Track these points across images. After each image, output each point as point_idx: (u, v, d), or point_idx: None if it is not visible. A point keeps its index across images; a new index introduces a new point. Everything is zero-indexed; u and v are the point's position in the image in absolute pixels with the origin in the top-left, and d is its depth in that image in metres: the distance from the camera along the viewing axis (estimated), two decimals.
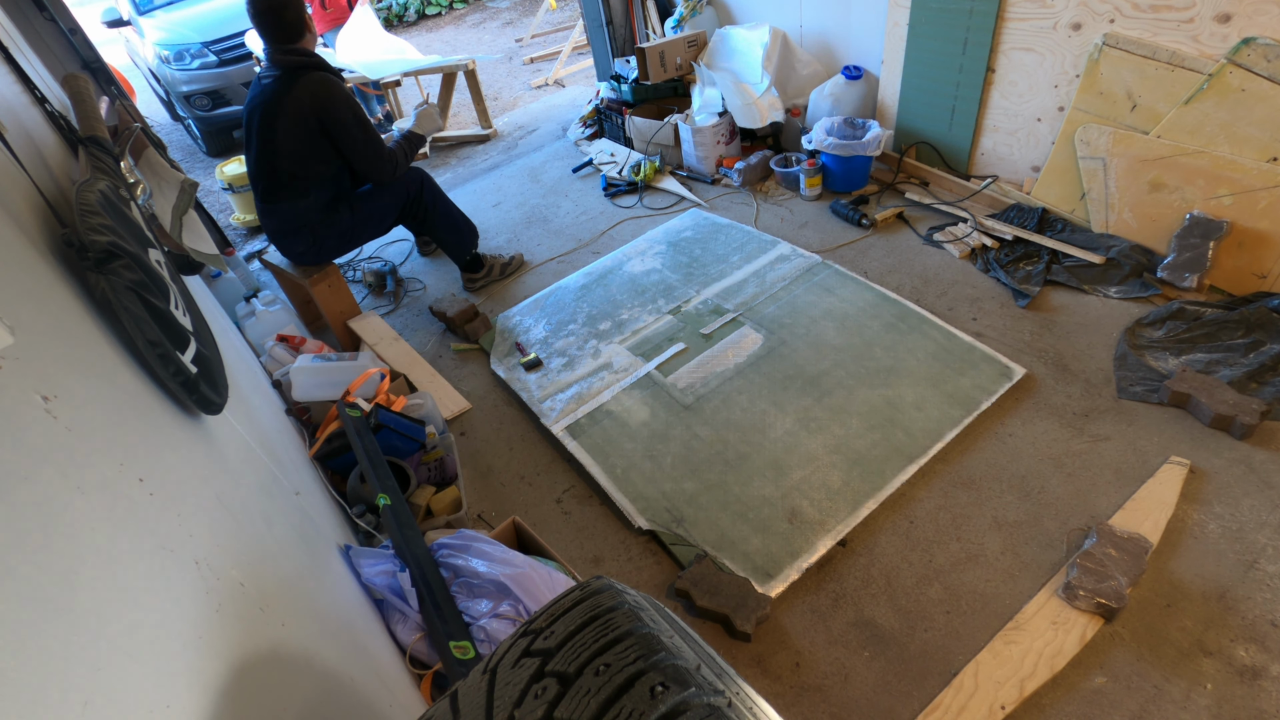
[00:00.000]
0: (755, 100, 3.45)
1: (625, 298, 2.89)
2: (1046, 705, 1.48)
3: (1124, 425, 2.02)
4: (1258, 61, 2.04)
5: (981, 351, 2.31)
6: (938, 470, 2.00)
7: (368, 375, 2.28)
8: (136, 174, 2.39)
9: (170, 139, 6.21)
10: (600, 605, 0.70)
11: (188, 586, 0.74)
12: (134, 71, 6.89)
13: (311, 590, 1.16)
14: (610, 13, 4.36)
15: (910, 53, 3.03)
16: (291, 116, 2.47)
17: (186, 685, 0.63)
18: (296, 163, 2.56)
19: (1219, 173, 2.22)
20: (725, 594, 1.73)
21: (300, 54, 2.50)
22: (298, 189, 2.63)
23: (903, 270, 2.78)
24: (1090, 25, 2.41)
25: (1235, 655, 1.50)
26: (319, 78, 2.49)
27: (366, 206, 2.80)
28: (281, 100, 2.46)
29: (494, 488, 2.23)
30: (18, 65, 1.74)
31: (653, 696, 0.59)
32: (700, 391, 2.36)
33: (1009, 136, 2.88)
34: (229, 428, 1.30)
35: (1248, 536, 1.70)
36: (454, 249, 3.10)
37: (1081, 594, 1.59)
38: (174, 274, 1.40)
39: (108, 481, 0.70)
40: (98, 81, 2.77)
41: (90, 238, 0.95)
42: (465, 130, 4.99)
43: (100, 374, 0.87)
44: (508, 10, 8.48)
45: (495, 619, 1.51)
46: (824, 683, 1.60)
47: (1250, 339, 2.14)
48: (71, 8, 2.82)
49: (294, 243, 2.74)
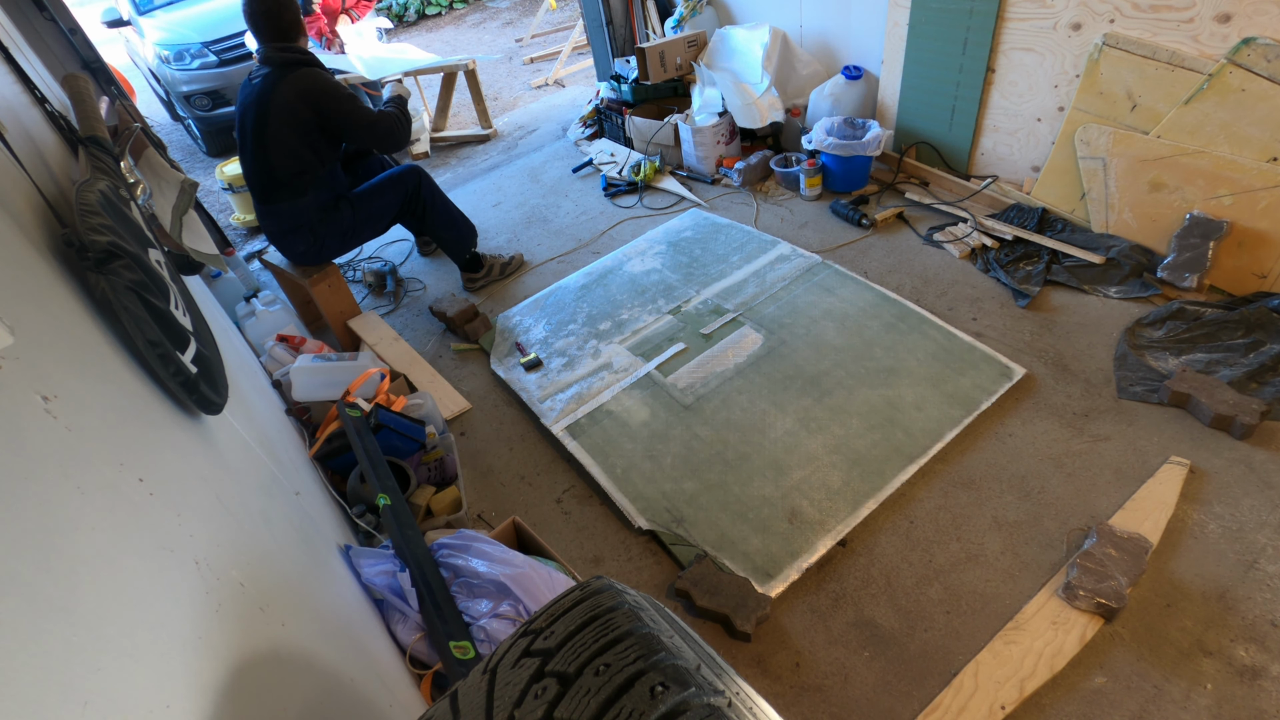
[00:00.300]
0: (755, 100, 3.45)
1: (625, 298, 2.89)
2: (1046, 705, 1.48)
3: (1124, 425, 2.02)
4: (1258, 61, 2.04)
5: (981, 351, 2.31)
6: (938, 470, 2.00)
7: (368, 375, 2.28)
8: (136, 174, 2.39)
9: (170, 139, 6.21)
10: (600, 605, 0.70)
11: (188, 586, 0.74)
12: (134, 71, 6.88)
13: (311, 590, 1.16)
14: (610, 13, 4.36)
15: (910, 53, 3.03)
16: (283, 112, 2.48)
17: (186, 685, 0.63)
18: (293, 159, 2.57)
19: (1219, 173, 2.22)
20: (725, 594, 1.73)
21: (294, 52, 2.52)
22: (295, 188, 2.63)
23: (903, 270, 2.78)
24: (1090, 25, 2.41)
25: (1235, 655, 1.50)
26: (306, 72, 2.51)
27: (366, 205, 2.81)
28: (272, 97, 2.47)
29: (494, 488, 2.23)
30: (18, 65, 1.74)
31: (653, 696, 0.59)
32: (700, 391, 2.36)
33: (1009, 136, 2.88)
34: (229, 428, 1.30)
35: (1248, 536, 1.70)
36: (453, 247, 3.10)
37: (1081, 594, 1.59)
38: (174, 274, 1.40)
39: (108, 481, 0.70)
40: (98, 81, 2.77)
41: (90, 238, 0.95)
42: (465, 130, 4.98)
43: (100, 374, 0.87)
44: (508, 10, 8.48)
45: (495, 619, 1.51)
46: (824, 683, 1.60)
47: (1250, 339, 2.14)
48: (71, 8, 2.82)
49: (294, 243, 2.74)
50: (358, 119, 2.59)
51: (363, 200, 2.81)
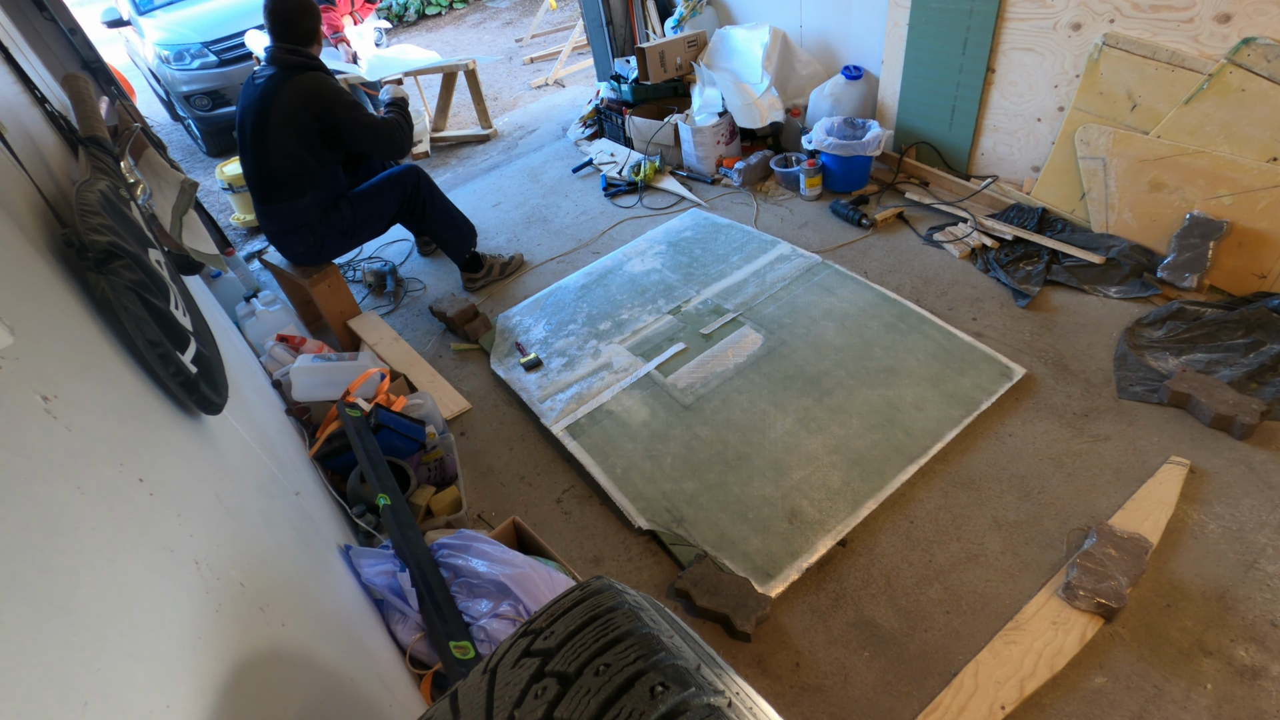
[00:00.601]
0: (755, 100, 3.45)
1: (625, 298, 2.89)
2: (1046, 705, 1.48)
3: (1124, 425, 2.02)
4: (1258, 61, 2.04)
5: (981, 351, 2.31)
6: (938, 470, 2.00)
7: (368, 375, 2.28)
8: (136, 174, 2.39)
9: (170, 139, 6.21)
10: (600, 605, 0.70)
11: (188, 586, 0.74)
12: (134, 71, 6.88)
13: (311, 590, 1.16)
14: (610, 13, 4.36)
15: (910, 53, 3.03)
16: (285, 114, 2.47)
17: (187, 685, 0.63)
18: (292, 161, 2.56)
19: (1219, 173, 2.22)
20: (725, 594, 1.73)
21: (303, 55, 2.53)
22: (295, 189, 2.63)
23: (903, 270, 2.78)
24: (1090, 25, 2.41)
25: (1235, 655, 1.50)
26: (310, 75, 2.51)
27: (365, 205, 2.81)
28: (275, 98, 2.46)
29: (494, 488, 2.23)
30: (18, 65, 1.74)
31: (653, 696, 0.59)
32: (700, 391, 2.36)
33: (1009, 136, 2.88)
34: (229, 428, 1.30)
35: (1248, 536, 1.70)
36: (452, 247, 3.10)
37: (1081, 594, 1.59)
38: (174, 274, 1.40)
39: (108, 481, 0.70)
40: (98, 81, 2.77)
41: (90, 238, 0.95)
42: (465, 130, 4.98)
43: (100, 374, 0.87)
44: (508, 10, 8.48)
45: (495, 619, 1.51)
46: (824, 683, 1.60)
47: (1250, 339, 2.14)
48: (71, 8, 2.82)
49: (294, 243, 2.74)
50: (361, 125, 2.58)
51: (362, 200, 2.81)
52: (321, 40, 2.61)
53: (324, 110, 2.51)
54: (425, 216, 2.96)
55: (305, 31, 2.52)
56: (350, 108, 2.55)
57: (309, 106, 2.48)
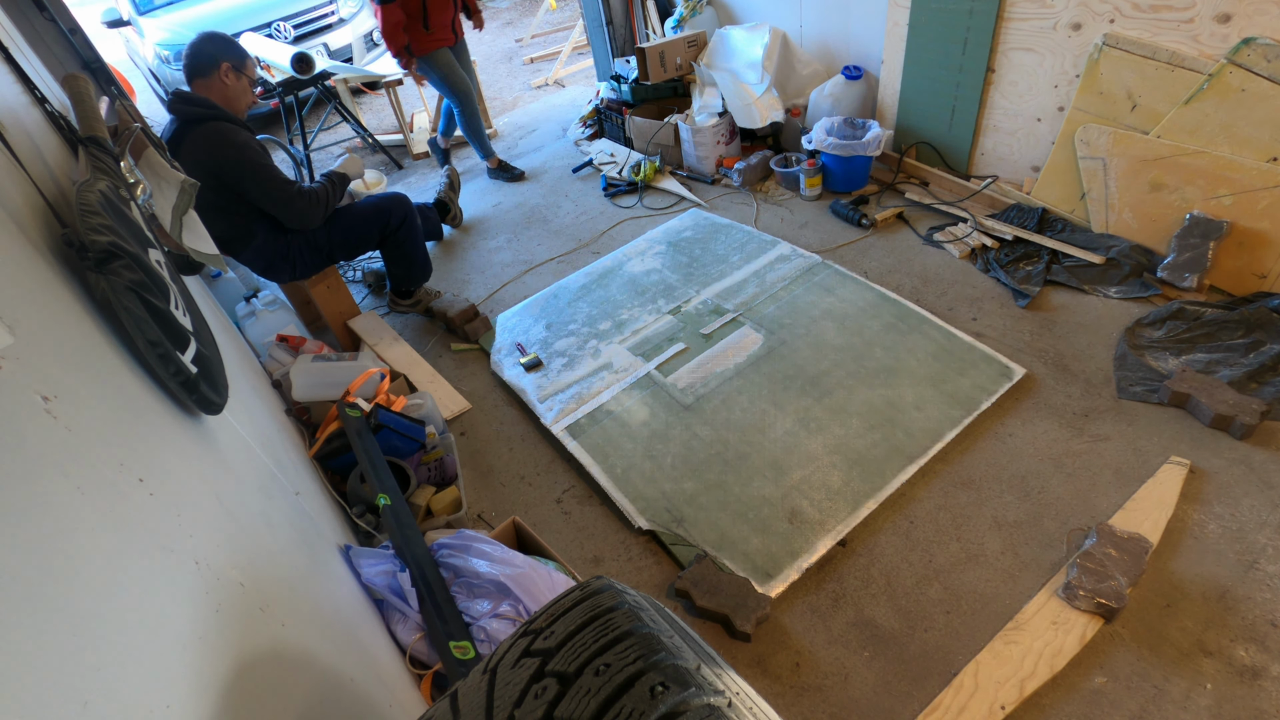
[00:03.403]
0: (755, 100, 3.45)
1: (625, 298, 2.89)
2: (1046, 705, 1.48)
3: (1124, 425, 2.02)
4: (1258, 61, 2.04)
5: (981, 351, 2.31)
6: (938, 470, 2.00)
7: (368, 375, 2.28)
8: (136, 174, 2.38)
9: None
10: (600, 605, 0.70)
11: (188, 586, 0.74)
12: (134, 71, 6.88)
13: (311, 590, 1.16)
14: (610, 13, 4.36)
15: (910, 53, 3.03)
16: (194, 174, 2.20)
17: (187, 685, 0.63)
18: (222, 217, 2.40)
19: (1219, 173, 2.22)
20: (725, 594, 1.73)
21: (199, 103, 2.33)
22: (243, 238, 2.50)
23: (903, 270, 2.78)
24: (1090, 25, 2.41)
25: (1235, 655, 1.50)
26: (213, 128, 2.30)
27: (343, 228, 2.68)
28: (179, 156, 2.27)
29: (494, 488, 2.23)
30: (18, 65, 1.74)
31: (653, 696, 0.59)
32: (700, 391, 2.36)
33: (1009, 136, 2.88)
34: (229, 428, 1.30)
35: (1248, 536, 1.70)
36: (397, 280, 2.98)
37: (1081, 594, 1.59)
38: (174, 274, 1.40)
39: (108, 481, 0.70)
40: (98, 81, 2.77)
41: (90, 238, 0.95)
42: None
43: (100, 374, 0.87)
44: (508, 10, 8.48)
45: (495, 619, 1.51)
46: (824, 683, 1.60)
47: (1250, 339, 2.14)
48: (71, 8, 2.82)
49: (277, 275, 2.67)
50: (266, 187, 2.37)
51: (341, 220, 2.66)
52: (233, 70, 2.37)
53: (223, 168, 2.30)
54: (396, 251, 2.83)
55: (201, 64, 2.30)
56: (255, 167, 2.33)
57: (205, 165, 2.28)
